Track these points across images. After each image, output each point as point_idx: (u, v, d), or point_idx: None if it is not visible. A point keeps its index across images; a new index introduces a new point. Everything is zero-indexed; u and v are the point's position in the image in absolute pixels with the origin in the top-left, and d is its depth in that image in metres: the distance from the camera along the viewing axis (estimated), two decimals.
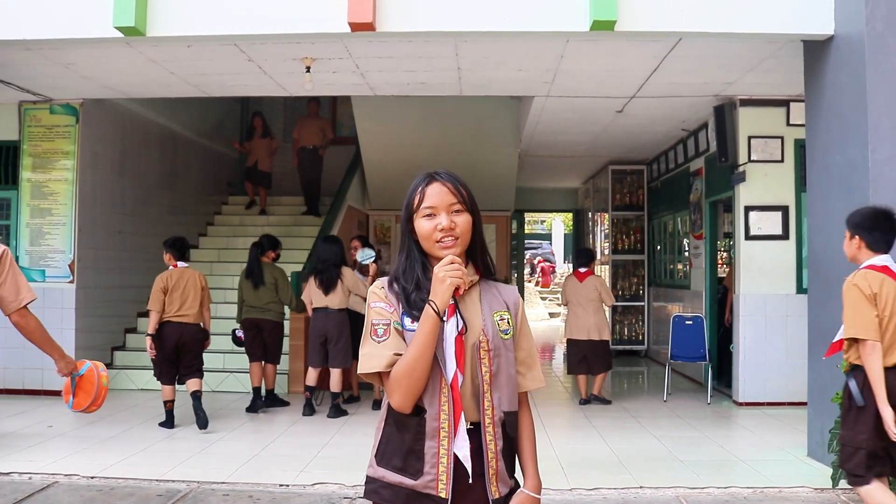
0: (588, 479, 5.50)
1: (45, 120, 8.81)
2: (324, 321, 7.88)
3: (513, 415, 2.11)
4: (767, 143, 8.29)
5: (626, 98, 8.43)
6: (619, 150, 12.05)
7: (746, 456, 6.26)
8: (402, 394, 1.99)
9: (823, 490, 5.26)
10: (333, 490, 5.26)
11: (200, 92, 8.28)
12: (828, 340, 5.87)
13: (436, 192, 2.07)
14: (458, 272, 1.97)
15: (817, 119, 6.17)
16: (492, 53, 6.84)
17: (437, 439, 2.00)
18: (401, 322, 2.06)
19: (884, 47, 5.37)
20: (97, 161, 9.17)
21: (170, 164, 11.39)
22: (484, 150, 11.58)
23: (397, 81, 7.79)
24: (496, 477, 2.05)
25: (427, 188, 2.08)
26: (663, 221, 12.20)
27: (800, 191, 8.13)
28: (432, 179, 2.10)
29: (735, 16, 5.81)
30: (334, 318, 7.87)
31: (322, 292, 7.86)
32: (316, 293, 7.91)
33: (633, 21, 5.73)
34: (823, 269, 6.01)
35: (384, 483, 2.06)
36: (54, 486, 5.25)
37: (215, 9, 5.97)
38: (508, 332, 2.12)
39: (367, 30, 5.78)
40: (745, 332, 8.29)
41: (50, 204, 8.77)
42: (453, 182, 2.10)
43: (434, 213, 2.06)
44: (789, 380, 7.94)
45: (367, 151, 11.93)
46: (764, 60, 6.91)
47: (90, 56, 7.01)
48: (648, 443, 6.74)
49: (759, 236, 8.29)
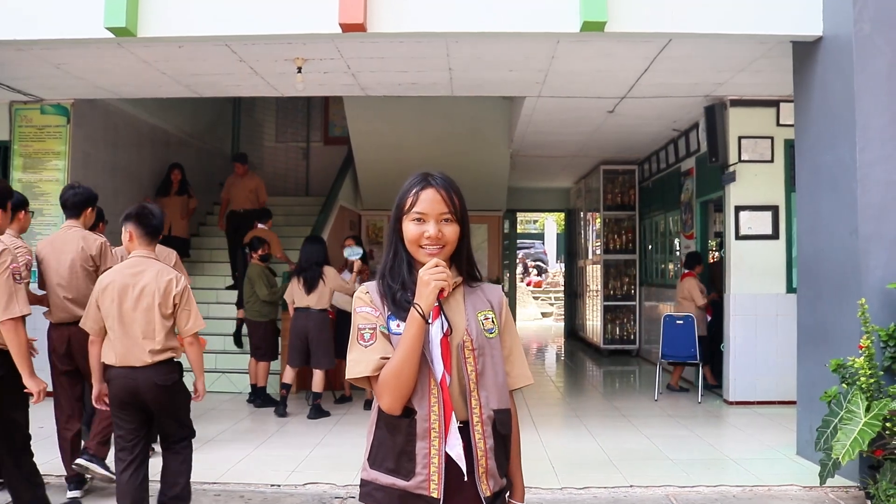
0: (579, 478, 5.52)
1: (36, 120, 8.78)
2: (304, 321, 7.94)
3: (504, 412, 2.13)
4: (757, 143, 8.33)
5: (617, 98, 8.46)
6: (611, 150, 12.08)
7: (736, 454, 6.30)
8: (391, 396, 2.01)
9: (812, 488, 5.30)
10: (325, 490, 5.27)
11: (192, 92, 8.28)
12: (817, 340, 5.94)
13: (429, 198, 2.07)
14: (442, 275, 1.98)
15: (806, 119, 6.21)
16: (483, 54, 6.85)
17: (427, 440, 2.02)
18: (387, 326, 2.07)
19: (871, 48, 5.41)
20: (88, 161, 9.16)
21: (162, 164, 11.37)
22: (476, 150, 11.59)
23: (389, 82, 7.80)
24: (486, 475, 2.06)
25: (421, 192, 2.08)
26: (654, 221, 12.24)
27: (789, 191, 8.17)
28: (427, 184, 2.09)
29: (724, 17, 5.83)
30: (315, 318, 7.93)
31: (304, 292, 7.92)
32: (298, 293, 7.97)
33: (623, 22, 5.75)
34: (812, 269, 6.05)
35: (377, 485, 2.07)
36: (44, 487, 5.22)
37: (206, 9, 5.96)
38: (493, 331, 2.14)
39: (359, 30, 5.78)
40: (735, 331, 8.32)
41: (41, 204, 8.74)
42: (447, 190, 2.10)
43: (423, 220, 2.07)
44: (779, 379, 7.99)
45: (359, 151, 11.93)
46: (754, 61, 6.95)
47: (81, 56, 6.99)
48: (639, 442, 6.77)
49: (749, 236, 8.33)
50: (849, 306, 5.35)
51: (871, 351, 4.90)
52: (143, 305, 4.17)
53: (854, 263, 5.40)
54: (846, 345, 5.34)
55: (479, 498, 2.05)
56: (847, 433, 4.56)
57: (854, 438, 4.50)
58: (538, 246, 32.89)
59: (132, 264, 4.29)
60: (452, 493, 2.03)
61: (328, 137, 14.57)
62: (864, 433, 4.51)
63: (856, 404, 4.70)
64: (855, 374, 4.90)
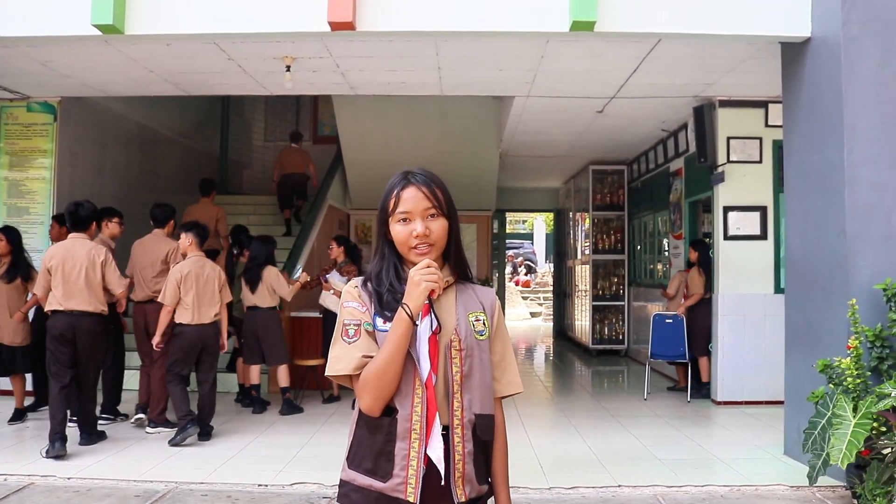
0: (567, 478, 5.51)
1: (22, 118, 8.72)
2: (253, 320, 7.99)
3: (486, 418, 2.07)
4: (746, 143, 8.35)
5: (606, 98, 8.47)
6: (600, 150, 12.10)
7: (724, 454, 6.31)
8: (372, 396, 1.97)
9: (800, 488, 5.31)
10: (312, 490, 5.25)
11: (180, 90, 8.24)
12: (805, 340, 5.95)
13: (411, 196, 2.03)
14: (433, 276, 1.94)
15: (795, 120, 6.22)
16: (472, 53, 6.84)
17: (408, 441, 1.97)
18: (372, 322, 2.03)
19: (859, 50, 5.43)
20: (76, 159, 9.10)
21: (150, 162, 11.32)
22: (465, 149, 11.59)
23: (378, 81, 7.79)
24: (462, 479, 2.00)
25: (402, 192, 2.04)
26: (643, 221, 12.27)
27: (778, 191, 8.19)
28: (408, 183, 2.06)
29: (714, 17, 5.84)
30: (262, 316, 7.98)
31: (249, 291, 7.99)
32: (245, 291, 8.04)
33: (612, 22, 5.76)
34: (800, 269, 6.06)
35: (354, 486, 2.03)
36: (30, 488, 5.20)
37: (194, 7, 5.93)
38: (484, 333, 2.09)
39: (348, 29, 5.77)
40: (723, 331, 8.34)
41: (27, 202, 8.69)
42: (429, 185, 2.06)
43: (409, 219, 2.03)
44: (767, 379, 8.01)
45: (348, 151, 11.91)
46: (743, 62, 6.97)
47: (68, 54, 6.95)
48: (628, 442, 6.77)
49: (737, 236, 8.35)
50: (836, 307, 5.37)
51: (860, 352, 4.92)
52: (209, 287, 6.80)
53: (842, 264, 5.41)
54: (833, 345, 5.36)
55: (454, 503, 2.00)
56: (840, 437, 4.54)
57: (849, 441, 4.49)
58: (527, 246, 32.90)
59: (194, 262, 6.82)
60: (430, 498, 1.98)
61: (317, 136, 14.54)
62: (857, 434, 4.50)
63: (841, 408, 4.71)
64: (842, 374, 4.92)
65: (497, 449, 2.15)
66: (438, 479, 1.98)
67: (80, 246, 6.38)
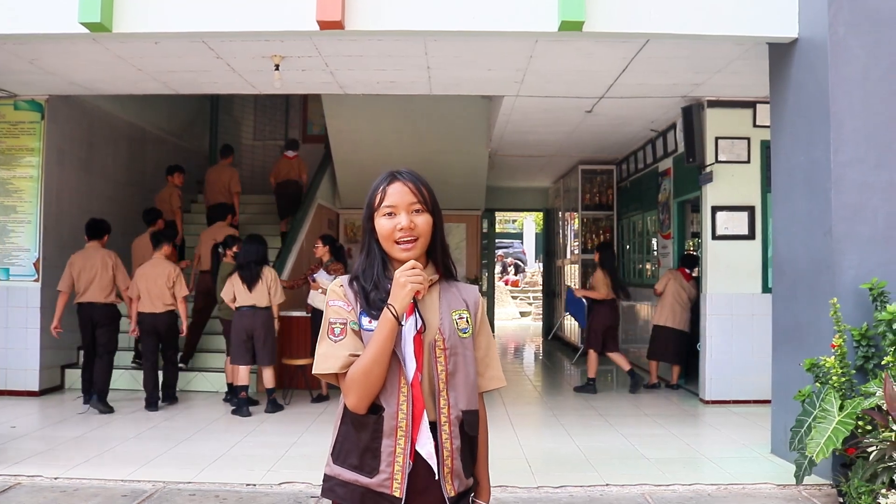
0: (555, 477, 5.52)
1: (9, 116, 8.66)
2: (251, 319, 7.92)
3: (472, 414, 2.11)
4: (734, 143, 8.39)
5: (595, 98, 8.49)
6: (589, 150, 12.12)
7: (712, 453, 6.34)
8: (358, 395, 2.00)
9: (786, 486, 5.34)
10: (301, 489, 5.25)
11: (168, 89, 8.21)
12: (792, 339, 5.99)
13: (397, 191, 2.08)
14: (418, 277, 1.97)
15: (782, 121, 6.25)
16: (461, 53, 6.85)
17: (394, 438, 2.00)
18: (358, 321, 2.05)
19: (846, 51, 5.46)
20: (63, 158, 9.05)
21: (138, 161, 11.27)
22: (454, 148, 11.59)
23: (367, 80, 7.78)
24: (451, 475, 2.04)
25: (388, 187, 2.09)
26: (632, 221, 12.29)
27: (765, 191, 8.23)
28: (394, 179, 2.10)
29: (702, 18, 5.86)
30: (261, 315, 7.94)
31: (246, 290, 7.91)
32: (241, 291, 7.94)
33: (601, 22, 5.77)
34: (787, 269, 6.10)
35: (339, 481, 2.06)
36: (16, 488, 5.18)
37: (183, 5, 5.90)
38: (467, 331, 2.12)
39: (336, 28, 5.76)
40: (711, 331, 8.38)
41: (14, 201, 8.64)
42: (414, 182, 2.10)
43: (394, 213, 2.06)
44: (754, 378, 8.04)
45: (337, 150, 11.90)
46: (731, 62, 6.99)
47: (55, 52, 6.91)
48: (615, 441, 6.79)
49: (725, 236, 8.39)
50: (823, 306, 5.39)
51: (844, 350, 4.95)
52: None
53: (828, 263, 5.45)
54: (820, 344, 5.38)
55: (444, 498, 2.04)
56: (821, 431, 4.60)
57: (828, 437, 4.55)
58: (517, 245, 32.95)
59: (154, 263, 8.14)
60: (416, 493, 2.02)
61: (306, 136, 14.52)
62: (837, 431, 4.55)
63: (829, 403, 4.75)
64: (827, 373, 4.95)
65: (479, 441, 2.19)
66: (423, 476, 2.01)
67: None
